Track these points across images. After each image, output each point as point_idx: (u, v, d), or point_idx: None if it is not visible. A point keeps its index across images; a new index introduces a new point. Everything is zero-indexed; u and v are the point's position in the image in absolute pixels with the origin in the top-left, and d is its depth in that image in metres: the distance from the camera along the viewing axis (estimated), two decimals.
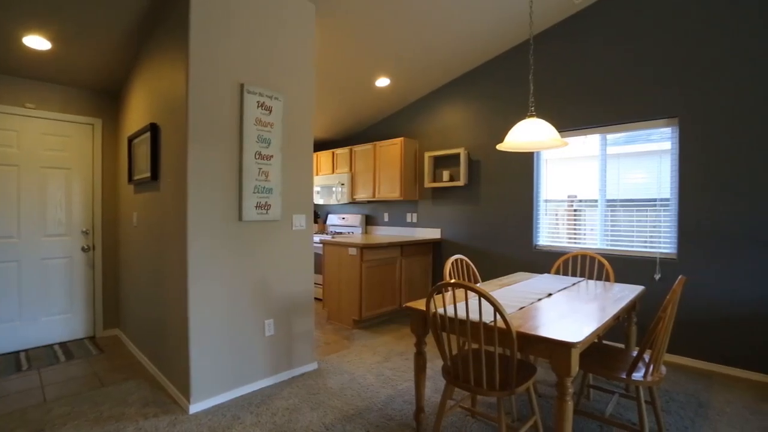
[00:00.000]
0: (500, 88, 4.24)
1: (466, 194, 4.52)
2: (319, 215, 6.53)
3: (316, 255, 4.96)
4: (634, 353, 2.18)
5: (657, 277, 3.25)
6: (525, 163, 4.04)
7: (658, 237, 3.31)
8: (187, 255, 2.33)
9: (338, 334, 3.86)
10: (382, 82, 4.41)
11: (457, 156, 4.59)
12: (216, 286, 2.45)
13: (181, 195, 2.40)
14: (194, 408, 2.35)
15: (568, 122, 3.75)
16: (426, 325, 2.04)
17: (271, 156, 2.70)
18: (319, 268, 4.96)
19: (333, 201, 5.72)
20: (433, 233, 4.85)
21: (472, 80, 4.48)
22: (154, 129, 2.77)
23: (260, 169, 2.64)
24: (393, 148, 4.94)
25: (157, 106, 2.81)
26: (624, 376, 1.87)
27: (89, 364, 3.10)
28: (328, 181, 5.78)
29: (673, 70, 3.19)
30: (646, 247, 3.36)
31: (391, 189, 4.96)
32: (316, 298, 5.07)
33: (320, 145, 6.48)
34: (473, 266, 2.83)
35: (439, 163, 4.82)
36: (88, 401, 2.48)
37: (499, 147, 2.53)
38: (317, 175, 6.03)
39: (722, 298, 2.99)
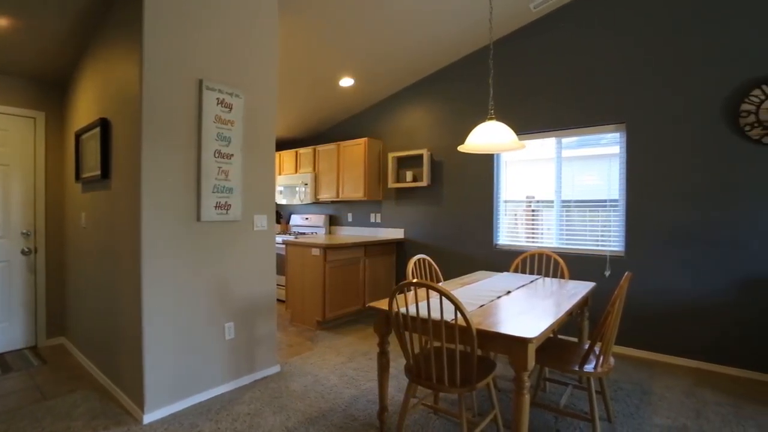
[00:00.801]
0: (462, 91, 4.34)
1: (429, 195, 4.60)
2: (281, 215, 6.41)
3: (279, 256, 4.87)
4: (586, 346, 2.30)
5: (607, 273, 3.45)
6: (485, 165, 4.16)
7: (608, 236, 3.51)
8: (140, 257, 2.23)
9: (302, 336, 3.81)
10: (347, 81, 4.40)
11: (420, 157, 4.66)
12: (173, 289, 2.35)
13: (135, 194, 2.29)
14: (149, 418, 2.25)
15: (525, 125, 3.90)
16: (389, 324, 2.06)
17: (232, 155, 2.63)
18: (281, 269, 4.88)
19: (296, 201, 5.64)
20: (397, 233, 4.89)
21: (435, 82, 4.56)
22: (104, 124, 2.62)
23: (220, 168, 2.56)
24: (357, 148, 4.94)
25: (108, 99, 2.66)
26: (576, 369, 1.97)
27: (30, 376, 2.89)
28: (291, 181, 5.69)
29: (621, 78, 3.39)
30: (597, 245, 3.56)
31: (354, 189, 4.95)
32: (278, 300, 4.98)
33: (283, 145, 6.37)
34: (435, 266, 2.88)
35: (403, 163, 4.87)
36: (28, 417, 2.31)
37: (461, 148, 2.59)
38: (280, 174, 5.92)
39: (663, 292, 3.22)
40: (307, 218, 5.93)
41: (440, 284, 2.63)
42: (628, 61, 3.36)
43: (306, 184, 5.48)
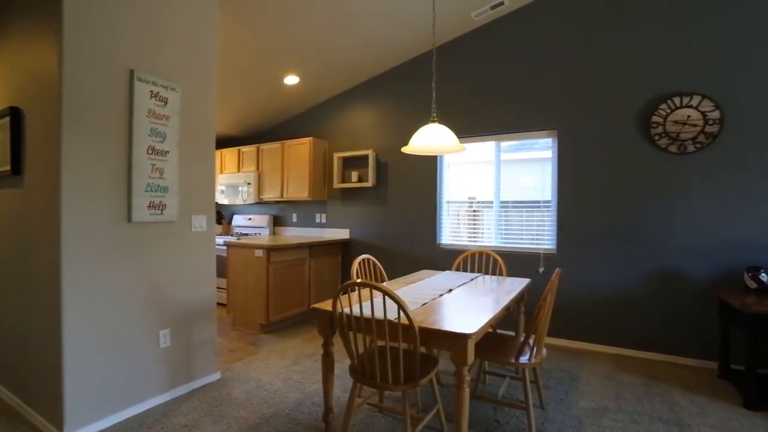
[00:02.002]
0: (407, 94, 4.42)
1: (375, 195, 4.64)
2: (223, 216, 6.14)
3: (220, 258, 4.66)
4: (522, 339, 2.44)
5: (541, 270, 3.69)
6: (429, 166, 4.28)
7: (542, 235, 3.75)
8: (60, 263, 2.03)
9: (244, 341, 3.68)
10: (291, 80, 4.31)
11: (366, 157, 4.68)
12: (99, 296, 2.17)
13: (53, 193, 2.08)
14: None
15: (466, 129, 4.06)
16: (333, 325, 2.05)
17: (167, 152, 2.48)
18: (222, 272, 4.67)
19: (239, 201, 5.43)
20: (342, 233, 4.88)
21: (380, 84, 4.60)
22: (15, 114, 2.36)
23: (154, 165, 2.41)
24: (302, 147, 4.86)
25: (20, 87, 2.39)
26: (513, 361, 2.09)
27: None
28: (233, 180, 5.47)
29: (554, 88, 3.64)
30: (533, 243, 3.79)
31: (299, 189, 4.87)
32: (219, 304, 4.77)
33: (225, 142, 6.10)
34: (380, 265, 2.91)
35: (348, 164, 4.87)
36: None
37: (404, 150, 2.65)
38: (221, 173, 5.67)
39: (589, 286, 3.50)
40: (250, 219, 5.73)
41: (384, 284, 2.67)
42: (559, 72, 3.62)
43: (249, 184, 5.30)
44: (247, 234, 5.52)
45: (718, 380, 2.89)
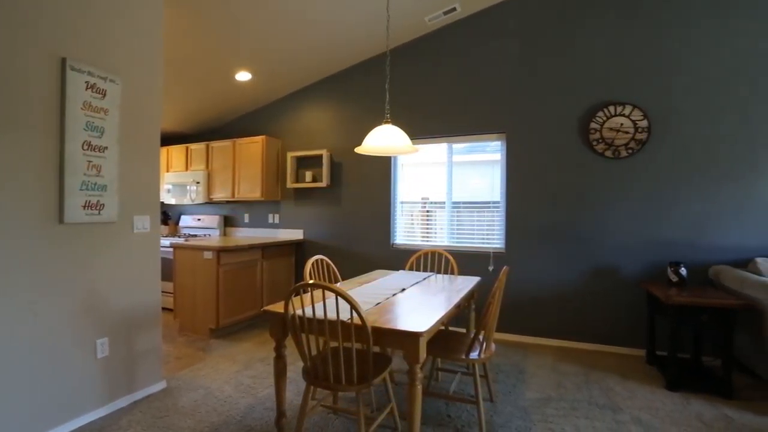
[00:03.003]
0: (361, 94, 4.44)
1: (329, 195, 4.61)
2: (169, 216, 5.84)
3: (166, 260, 4.43)
4: (472, 335, 2.53)
5: (491, 268, 3.84)
6: (383, 167, 4.32)
7: (492, 234, 3.90)
8: None
9: (192, 347, 3.53)
10: (243, 76, 4.19)
11: (320, 157, 4.65)
12: (24, 304, 1.99)
13: None
14: None
15: (419, 130, 4.14)
16: (285, 327, 2.02)
17: (105, 147, 2.32)
18: (169, 275, 4.44)
19: (187, 201, 5.19)
20: (296, 234, 4.81)
21: (335, 84, 4.58)
22: None
23: (90, 162, 2.25)
24: (254, 146, 4.73)
25: None
26: (463, 357, 2.16)
27: None
28: (181, 179, 5.22)
29: (503, 93, 3.80)
30: (483, 243, 3.93)
31: (252, 189, 4.74)
32: (165, 309, 4.53)
33: (172, 139, 5.81)
34: (333, 266, 2.90)
35: (302, 163, 4.81)
36: None
37: (357, 150, 2.66)
38: (168, 171, 5.39)
39: (535, 283, 3.69)
40: (199, 219, 5.50)
41: (338, 284, 2.66)
42: (509, 78, 3.78)
43: (198, 183, 5.08)
44: (195, 235, 5.28)
45: (646, 366, 3.15)
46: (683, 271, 2.97)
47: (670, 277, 3.01)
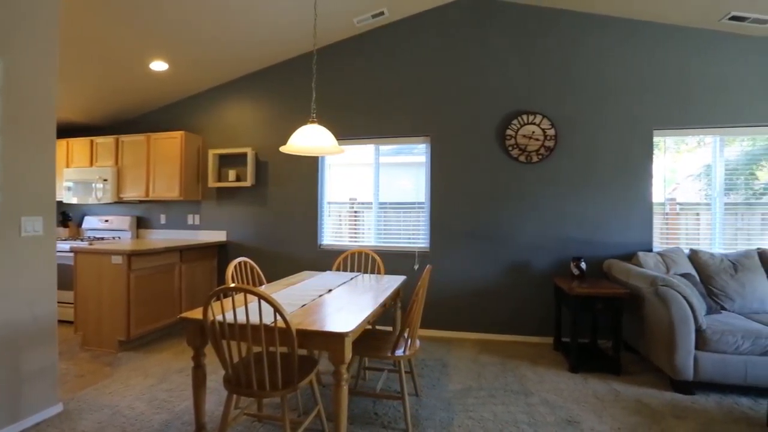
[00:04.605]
0: (288, 92, 4.34)
1: (254, 195, 4.45)
2: (70, 217, 5.22)
3: (65, 266, 3.96)
4: (398, 333, 2.59)
5: (416, 267, 3.97)
6: (310, 167, 4.27)
7: (417, 234, 4.04)
8: None
9: (97, 362, 3.19)
10: (159, 65, 3.88)
11: (245, 156, 4.47)
12: None
13: None
14: None
15: (346, 131, 4.16)
16: (204, 334, 1.92)
17: None
18: (68, 283, 3.98)
19: (92, 200, 4.67)
20: (218, 235, 4.57)
21: (261, 80, 4.43)
22: None
23: None
24: (172, 142, 4.41)
25: None
26: (389, 354, 2.21)
27: None
28: (84, 176, 4.69)
29: (428, 97, 3.96)
30: (409, 242, 4.06)
31: (169, 187, 4.41)
32: (64, 321, 4.04)
33: (74, 131, 5.19)
34: (258, 268, 2.80)
35: (225, 162, 4.58)
36: None
37: (282, 149, 2.60)
38: (68, 167, 4.81)
39: (457, 280, 3.89)
40: (107, 220, 4.98)
41: (263, 287, 2.59)
42: (433, 83, 3.95)
43: (105, 180, 4.60)
44: (102, 238, 4.78)
45: (553, 352, 3.47)
46: (583, 265, 3.32)
47: (572, 270, 3.36)
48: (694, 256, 3.30)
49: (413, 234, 4.06)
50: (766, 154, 3.52)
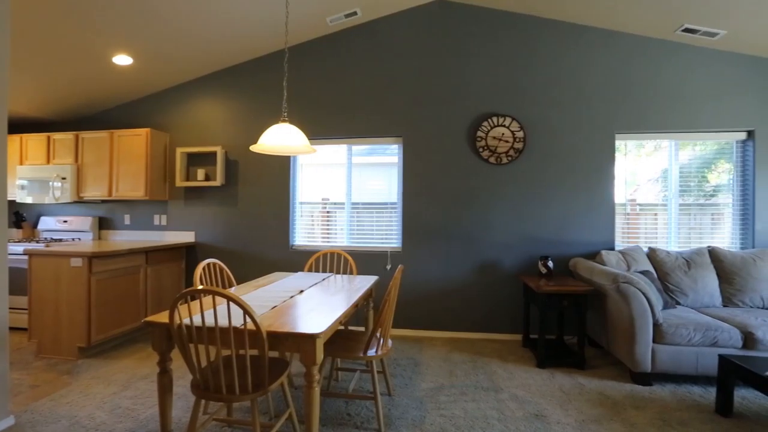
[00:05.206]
0: (259, 91, 4.27)
1: (224, 195, 4.35)
2: (24, 217, 4.93)
3: (18, 270, 3.74)
4: (370, 333, 2.60)
5: (388, 267, 3.99)
6: (282, 166, 4.21)
7: (390, 234, 4.06)
8: None
9: (54, 371, 3.04)
10: (123, 59, 3.73)
11: (214, 154, 4.36)
12: None
13: None
14: None
15: (318, 131, 4.14)
16: (171, 339, 1.86)
17: None
18: (22, 288, 3.76)
19: (49, 199, 4.44)
20: (187, 236, 4.44)
21: (231, 77, 4.33)
22: None
23: None
24: (137, 139, 4.25)
25: None
26: (362, 354, 2.21)
27: None
28: (40, 174, 4.44)
29: (401, 99, 3.99)
30: (382, 243, 4.07)
31: (133, 187, 4.24)
32: (16, 328, 3.82)
33: (28, 126, 4.91)
34: (227, 270, 2.74)
35: (194, 160, 4.45)
36: None
37: (252, 148, 2.56)
38: (21, 164, 4.55)
39: (428, 280, 3.94)
40: (66, 221, 4.74)
41: (233, 289, 2.54)
42: (405, 84, 3.98)
43: (64, 179, 4.38)
44: (61, 239, 4.55)
45: (522, 348, 3.57)
46: (550, 263, 3.43)
47: (540, 269, 3.46)
48: (652, 254, 3.48)
49: (386, 234, 4.07)
50: (716, 159, 3.75)
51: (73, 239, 4.62)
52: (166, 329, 1.86)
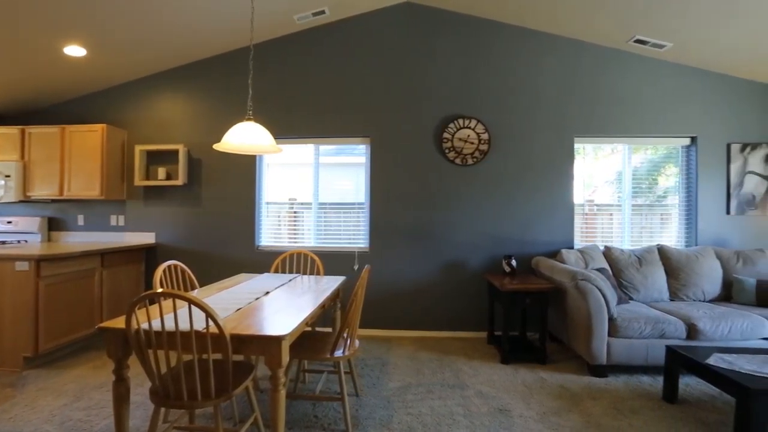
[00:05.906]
0: (223, 88, 4.16)
1: (186, 194, 4.20)
2: None
3: None
4: (337, 334, 2.59)
5: (355, 267, 3.99)
6: (248, 166, 4.12)
7: (358, 234, 4.06)
8: None
9: None
10: (75, 50, 3.53)
11: (176, 153, 4.20)
12: None
13: None
14: None
15: (285, 130, 4.08)
16: (128, 345, 1.78)
17: None
18: None
19: None
20: (146, 238, 4.26)
21: (195, 73, 4.20)
22: None
23: None
24: (92, 135, 4.03)
25: None
26: (329, 355, 2.20)
27: None
28: None
29: (369, 99, 3.99)
30: (349, 243, 4.06)
31: (88, 186, 4.02)
32: None
33: None
34: (189, 272, 2.65)
35: (154, 159, 4.28)
36: None
37: (216, 147, 2.50)
38: None
39: (395, 280, 3.97)
40: (10, 222, 4.43)
41: (195, 291, 2.46)
42: (373, 85, 3.99)
43: (8, 176, 4.09)
44: (4, 242, 4.24)
45: (487, 346, 3.66)
46: (514, 262, 3.54)
47: (504, 268, 3.56)
48: (607, 252, 3.66)
49: (353, 234, 4.07)
50: (665, 162, 4.00)
51: (18, 241, 4.32)
52: (123, 335, 1.77)
